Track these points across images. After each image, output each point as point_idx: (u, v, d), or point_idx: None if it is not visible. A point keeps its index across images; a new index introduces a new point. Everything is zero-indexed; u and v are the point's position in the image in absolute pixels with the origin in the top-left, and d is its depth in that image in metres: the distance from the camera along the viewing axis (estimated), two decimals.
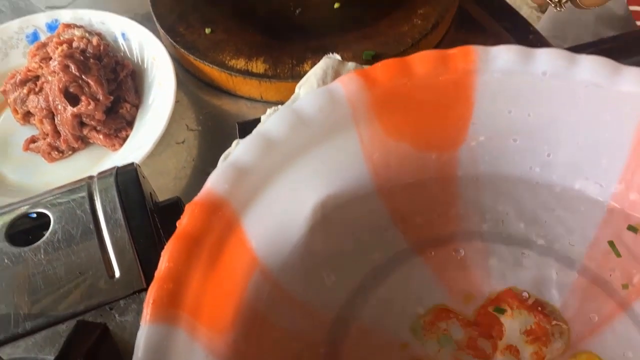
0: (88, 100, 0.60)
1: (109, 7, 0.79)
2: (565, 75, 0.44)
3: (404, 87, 0.46)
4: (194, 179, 0.61)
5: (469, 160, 0.49)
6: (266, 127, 0.43)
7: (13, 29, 0.70)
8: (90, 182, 0.46)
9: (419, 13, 0.65)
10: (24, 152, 0.64)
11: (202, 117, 0.66)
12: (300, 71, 0.62)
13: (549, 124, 0.46)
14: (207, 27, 0.67)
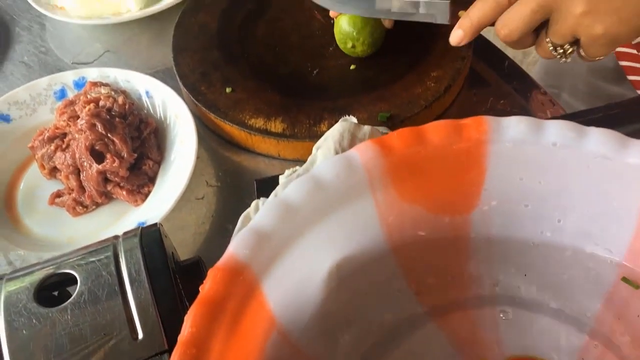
0: (113, 158, 0.62)
1: (133, 63, 0.82)
2: (575, 146, 0.45)
3: (419, 155, 0.47)
4: (213, 235, 0.63)
5: (481, 223, 0.51)
6: (286, 194, 0.45)
7: (42, 85, 0.73)
8: (115, 243, 0.48)
9: (432, 76, 0.67)
10: (49, 206, 0.66)
11: (222, 174, 0.68)
12: (317, 131, 0.64)
13: (559, 192, 0.48)
14: (228, 87, 0.70)
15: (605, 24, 0.52)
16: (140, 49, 0.84)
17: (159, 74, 0.80)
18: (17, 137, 0.71)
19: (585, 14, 0.52)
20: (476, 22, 0.57)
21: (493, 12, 0.55)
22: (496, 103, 0.70)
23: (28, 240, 0.63)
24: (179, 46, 0.75)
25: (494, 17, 0.56)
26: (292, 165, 0.68)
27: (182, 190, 0.61)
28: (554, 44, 0.56)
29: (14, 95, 0.72)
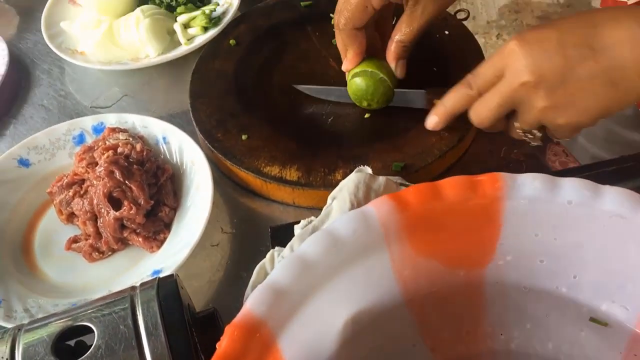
0: (130, 205, 0.63)
1: (150, 107, 0.84)
2: (590, 205, 0.45)
3: (435, 211, 0.48)
4: (227, 282, 0.63)
5: (496, 277, 0.51)
6: (303, 249, 0.46)
7: (61, 130, 0.74)
8: (132, 294, 0.49)
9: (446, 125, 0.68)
10: (66, 251, 0.67)
11: (237, 220, 0.69)
12: (332, 180, 0.65)
13: (575, 248, 0.48)
14: (244, 133, 0.71)
15: (566, 116, 0.57)
16: (157, 94, 0.86)
17: (175, 118, 0.81)
18: (35, 181, 0.72)
19: (546, 108, 0.57)
20: (450, 109, 0.63)
21: (464, 102, 0.61)
22: (510, 152, 0.70)
23: (44, 286, 0.64)
24: (196, 92, 0.77)
25: (465, 106, 0.61)
26: (307, 212, 0.68)
27: (198, 238, 0.61)
28: (523, 130, 0.61)
29: (34, 140, 0.73)
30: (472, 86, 0.60)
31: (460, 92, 0.61)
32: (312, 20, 0.85)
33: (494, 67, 0.58)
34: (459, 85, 0.61)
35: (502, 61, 0.57)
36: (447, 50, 0.76)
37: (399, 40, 0.68)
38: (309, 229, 0.56)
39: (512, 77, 0.57)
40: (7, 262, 0.66)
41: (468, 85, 0.60)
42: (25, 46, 0.96)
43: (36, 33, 0.97)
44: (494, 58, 0.58)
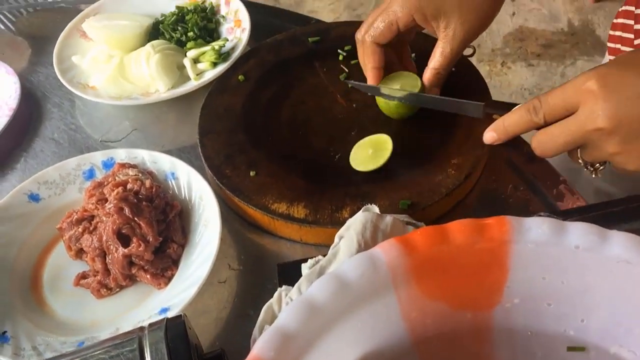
0: (139, 242, 0.63)
1: (160, 141, 0.85)
2: (597, 250, 0.46)
3: (442, 254, 0.48)
4: (234, 320, 0.63)
5: (503, 320, 0.51)
6: (310, 293, 0.46)
7: (71, 165, 0.75)
8: (141, 335, 0.49)
9: (453, 163, 0.68)
10: (74, 287, 0.67)
11: (244, 257, 0.69)
12: (339, 217, 0.65)
13: (582, 292, 0.48)
14: (252, 170, 0.71)
15: (637, 164, 0.54)
16: (167, 128, 0.87)
17: (184, 152, 0.82)
18: (45, 216, 0.72)
19: (617, 153, 0.54)
20: (510, 130, 0.60)
21: (526, 126, 0.59)
22: (516, 190, 0.70)
23: (52, 323, 0.64)
24: (205, 128, 0.78)
25: (526, 131, 0.59)
26: (314, 249, 0.69)
27: (206, 276, 0.61)
28: (585, 162, 0.58)
29: (44, 175, 0.74)
30: (539, 113, 0.57)
31: (524, 116, 0.58)
32: (320, 55, 0.86)
33: (566, 100, 0.55)
34: (524, 107, 0.58)
35: (577, 97, 0.54)
36: (454, 87, 0.76)
37: (434, 68, 0.70)
38: (316, 269, 0.57)
39: (587, 119, 0.53)
40: (15, 298, 0.66)
41: (534, 111, 0.57)
42: (37, 79, 0.98)
43: (48, 66, 0.98)
44: (567, 90, 0.55)
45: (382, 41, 0.71)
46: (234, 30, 0.94)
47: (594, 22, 2.55)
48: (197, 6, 0.98)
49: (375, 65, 0.72)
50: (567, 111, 0.55)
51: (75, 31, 0.97)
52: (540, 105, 0.57)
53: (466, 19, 0.67)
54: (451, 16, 0.67)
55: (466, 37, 0.68)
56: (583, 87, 0.53)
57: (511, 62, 2.45)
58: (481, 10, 0.67)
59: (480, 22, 0.68)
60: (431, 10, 0.67)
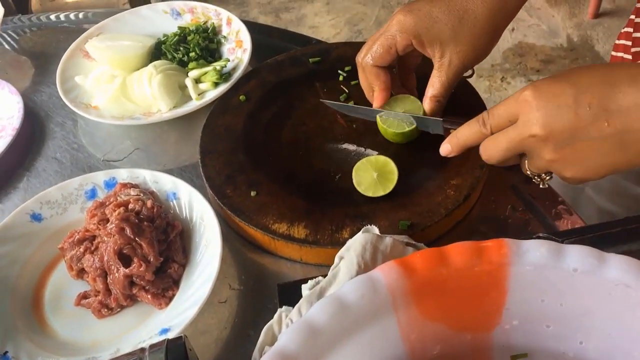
0: (140, 262, 0.64)
1: (161, 160, 0.85)
2: (595, 273, 0.46)
3: (441, 276, 0.48)
4: (235, 341, 0.64)
5: (503, 341, 0.51)
6: (311, 315, 0.46)
7: (74, 185, 0.76)
8: (141, 357, 0.49)
9: (452, 184, 0.69)
10: (75, 307, 0.67)
11: (244, 277, 0.69)
12: (339, 238, 0.66)
13: (581, 314, 0.48)
14: (253, 190, 0.72)
15: (573, 171, 0.58)
16: (169, 147, 0.88)
17: (186, 172, 0.83)
18: (47, 236, 0.73)
19: (553, 161, 0.57)
20: (462, 142, 0.64)
21: (476, 137, 0.63)
22: (515, 210, 0.71)
23: (53, 343, 0.64)
24: (206, 148, 0.78)
25: (477, 141, 0.63)
26: (314, 269, 0.69)
27: (206, 296, 0.62)
28: (531, 172, 0.61)
29: (46, 195, 0.75)
30: (486, 124, 0.61)
31: (473, 128, 0.62)
32: (320, 76, 0.87)
33: (508, 111, 0.59)
34: (474, 120, 0.63)
35: (516, 107, 0.58)
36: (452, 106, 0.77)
37: (432, 96, 0.71)
38: (316, 290, 0.57)
39: (523, 126, 0.57)
40: (17, 318, 0.66)
41: (482, 123, 0.61)
42: (39, 98, 0.99)
43: (51, 85, 0.99)
44: (510, 102, 0.59)
45: (382, 64, 0.72)
46: (235, 51, 0.95)
47: (593, 37, 2.57)
48: (199, 27, 0.99)
49: (381, 87, 0.73)
50: (510, 122, 0.59)
51: (78, 51, 0.98)
52: (487, 117, 0.61)
53: (462, 49, 0.68)
54: (447, 46, 0.68)
55: (461, 68, 0.70)
56: (520, 97, 0.58)
57: (511, 77, 2.46)
58: (477, 42, 0.68)
59: (476, 53, 0.69)
60: (428, 37, 0.68)
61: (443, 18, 0.67)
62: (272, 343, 0.58)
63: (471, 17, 0.67)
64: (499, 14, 0.68)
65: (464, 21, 0.67)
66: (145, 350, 0.50)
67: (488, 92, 2.40)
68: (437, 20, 0.67)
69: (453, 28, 0.67)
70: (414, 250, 0.61)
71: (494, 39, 0.70)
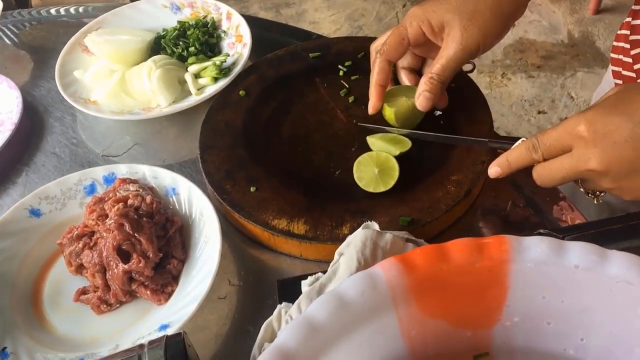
0: (139, 258, 0.63)
1: (161, 155, 0.85)
2: (597, 270, 0.46)
3: (441, 273, 0.48)
4: (234, 336, 0.63)
5: (503, 338, 0.51)
6: (311, 312, 0.46)
7: (73, 180, 0.75)
8: (140, 354, 0.49)
9: (452, 180, 0.69)
10: (74, 302, 0.67)
11: (244, 272, 0.69)
12: (339, 234, 0.66)
13: (582, 311, 0.48)
14: (252, 186, 0.72)
15: (631, 196, 0.59)
16: (168, 142, 0.87)
17: (185, 167, 0.82)
18: (46, 231, 0.73)
19: (612, 189, 0.59)
20: (513, 166, 0.64)
21: (527, 162, 0.63)
22: (515, 206, 0.71)
23: (52, 338, 0.64)
24: (206, 144, 0.78)
25: (527, 165, 0.63)
26: (314, 265, 0.69)
27: (206, 292, 0.61)
28: (586, 190, 0.63)
29: (45, 190, 0.74)
30: (537, 152, 0.61)
31: (524, 153, 0.62)
32: (320, 71, 0.86)
33: (560, 142, 0.59)
34: (524, 146, 0.62)
35: (569, 140, 0.58)
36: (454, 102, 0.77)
37: (430, 74, 0.71)
38: (316, 286, 0.57)
39: (579, 160, 0.58)
40: (16, 313, 0.66)
41: (534, 150, 0.61)
42: (38, 93, 0.98)
43: (50, 80, 0.99)
44: (561, 133, 0.59)
45: (395, 57, 0.73)
46: (235, 45, 0.94)
47: (594, 33, 2.56)
48: (199, 21, 0.98)
49: (379, 83, 0.74)
50: (562, 151, 0.59)
51: (77, 46, 0.98)
52: (538, 144, 0.61)
53: (470, 32, 0.68)
54: (454, 26, 0.69)
55: (467, 50, 0.69)
56: (574, 131, 0.57)
57: (511, 73, 2.46)
58: (484, 26, 0.69)
59: (484, 37, 0.69)
60: (435, 20, 0.69)
61: (452, 1, 0.69)
62: (272, 339, 0.57)
63: (482, 6, 0.68)
64: (508, 5, 0.69)
65: (472, 3, 0.69)
66: (144, 346, 0.50)
67: (489, 88, 2.39)
68: (444, 2, 0.69)
69: (462, 9, 0.68)
70: (414, 247, 0.61)
71: (503, 25, 0.70)
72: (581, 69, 2.42)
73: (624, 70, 0.85)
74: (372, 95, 0.74)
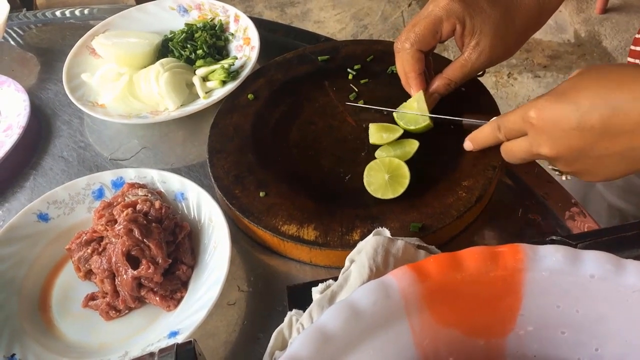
0: (148, 264, 0.63)
1: (169, 159, 0.85)
2: (613, 279, 0.45)
3: (455, 281, 0.48)
4: (244, 344, 0.63)
5: (517, 347, 0.50)
6: (323, 321, 0.45)
7: (81, 185, 0.75)
8: None
9: (464, 185, 0.68)
10: (83, 308, 0.67)
11: (253, 278, 0.68)
12: (349, 240, 0.65)
13: (597, 321, 0.47)
14: (262, 190, 0.71)
15: (588, 178, 0.62)
16: (176, 146, 0.87)
17: (193, 171, 0.82)
18: (54, 236, 0.72)
19: (568, 172, 0.62)
20: (481, 142, 0.69)
21: (493, 141, 0.67)
22: (527, 212, 0.70)
23: (60, 345, 0.64)
24: (214, 148, 0.77)
25: (494, 143, 0.67)
26: (324, 271, 0.68)
27: (215, 299, 0.61)
28: (553, 169, 0.65)
29: (54, 194, 0.74)
30: (500, 132, 0.65)
31: (490, 133, 0.66)
32: (329, 74, 0.86)
33: (516, 125, 0.62)
34: (490, 125, 0.66)
35: (523, 125, 0.61)
36: (464, 107, 0.76)
37: (447, 77, 0.73)
38: (327, 294, 0.56)
39: (532, 145, 0.61)
40: (24, 319, 0.66)
41: (498, 130, 0.65)
42: (46, 96, 0.98)
43: (57, 83, 0.99)
44: (517, 117, 0.62)
45: (426, 48, 0.72)
46: (243, 48, 0.94)
47: (600, 33, 2.55)
48: (206, 24, 0.98)
49: (420, 72, 0.73)
50: (520, 133, 0.62)
51: (84, 49, 0.98)
52: (501, 124, 0.65)
53: (496, 44, 0.70)
54: (484, 37, 0.69)
55: (488, 61, 0.71)
56: (526, 117, 0.60)
57: (517, 73, 2.45)
58: (511, 40, 0.71)
59: (505, 52, 0.72)
60: (471, 25, 0.69)
61: (487, 9, 0.69)
62: (283, 347, 0.57)
63: (512, 14, 0.69)
64: (537, 16, 0.71)
65: (506, 17, 0.69)
66: (154, 354, 0.50)
67: (495, 88, 2.39)
68: (482, 9, 0.69)
69: (495, 21, 0.69)
70: (426, 253, 0.61)
71: (523, 40, 0.73)
72: None
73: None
74: (415, 87, 0.74)
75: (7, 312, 0.66)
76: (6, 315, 0.66)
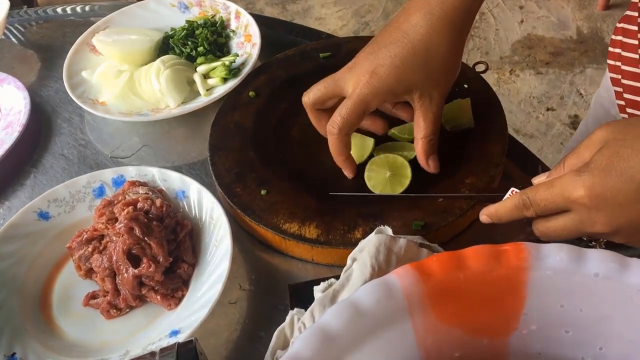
0: (149, 263, 0.63)
1: (170, 157, 0.84)
2: (617, 278, 0.45)
3: (458, 280, 0.47)
4: (245, 342, 0.63)
5: (520, 347, 0.50)
6: (325, 320, 0.45)
7: (81, 183, 0.75)
8: None
9: (466, 183, 0.68)
10: (84, 307, 0.66)
11: (255, 276, 0.68)
12: (351, 238, 0.65)
13: (601, 320, 0.47)
14: (263, 188, 0.71)
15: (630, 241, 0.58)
16: (177, 144, 0.86)
17: (194, 169, 0.82)
18: (55, 234, 0.72)
19: (622, 242, 0.57)
20: (503, 219, 0.61)
21: (518, 218, 0.60)
22: None
23: (61, 344, 0.64)
24: (215, 146, 0.77)
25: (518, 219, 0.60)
26: (326, 270, 0.68)
27: (217, 298, 0.61)
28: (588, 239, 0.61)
29: (54, 192, 0.74)
30: (529, 210, 0.59)
31: (515, 211, 0.60)
32: (331, 71, 0.84)
33: (556, 204, 0.57)
34: (515, 201, 0.59)
35: (567, 204, 0.56)
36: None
37: (423, 137, 0.68)
38: (329, 293, 0.56)
39: (584, 224, 0.56)
40: (25, 318, 0.66)
41: (525, 207, 0.59)
42: (46, 94, 0.98)
43: (58, 80, 0.98)
44: (556, 196, 0.56)
45: (354, 129, 0.68)
46: (244, 45, 0.93)
47: (602, 29, 2.54)
48: (207, 20, 0.97)
49: (349, 155, 0.70)
50: (558, 211, 0.57)
51: (85, 46, 0.97)
52: (530, 203, 0.58)
53: (437, 82, 0.66)
54: (423, 86, 0.66)
55: (442, 98, 0.68)
56: (572, 197, 0.55)
57: (519, 70, 2.44)
58: (446, 67, 0.66)
59: (448, 77, 0.68)
60: (401, 89, 0.66)
61: (410, 63, 0.65)
62: (284, 346, 0.57)
63: (434, 50, 0.65)
64: (459, 34, 0.66)
65: (430, 57, 0.65)
66: (155, 354, 0.50)
67: (497, 85, 2.38)
68: (404, 69, 0.65)
69: (422, 69, 0.65)
70: (428, 252, 0.60)
71: (460, 56, 0.68)
72: (590, 66, 2.40)
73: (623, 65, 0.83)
74: (350, 172, 0.71)
75: (7, 311, 0.66)
76: (7, 314, 0.66)
